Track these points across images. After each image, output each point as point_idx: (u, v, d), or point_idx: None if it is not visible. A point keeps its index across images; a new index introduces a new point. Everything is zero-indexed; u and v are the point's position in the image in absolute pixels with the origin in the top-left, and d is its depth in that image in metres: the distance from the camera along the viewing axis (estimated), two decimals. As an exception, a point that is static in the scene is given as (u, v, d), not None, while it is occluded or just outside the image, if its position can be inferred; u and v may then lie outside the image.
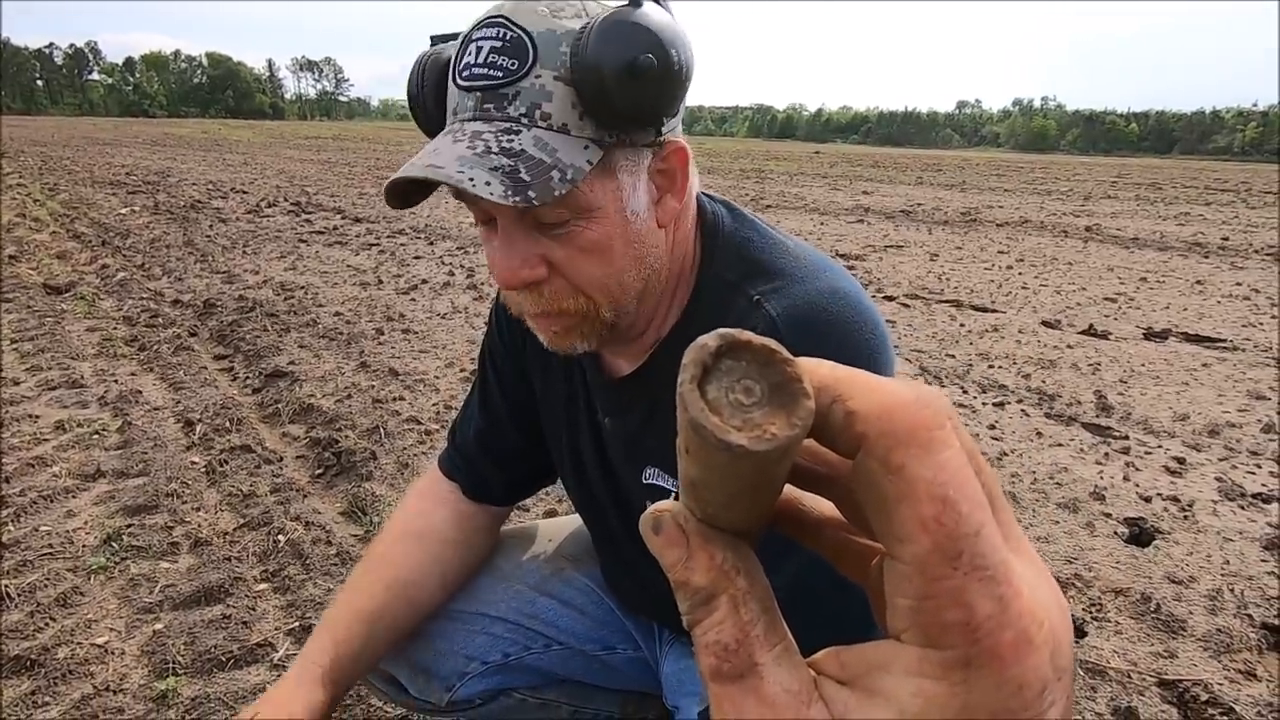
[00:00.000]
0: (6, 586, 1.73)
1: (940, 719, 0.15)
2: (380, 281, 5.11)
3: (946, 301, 4.91)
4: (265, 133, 39.15)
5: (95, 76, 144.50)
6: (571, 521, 1.09)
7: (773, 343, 0.16)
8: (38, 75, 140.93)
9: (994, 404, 3.10)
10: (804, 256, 0.69)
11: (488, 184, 0.56)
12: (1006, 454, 2.63)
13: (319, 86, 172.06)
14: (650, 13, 0.57)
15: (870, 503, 0.16)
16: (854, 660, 0.16)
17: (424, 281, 5.14)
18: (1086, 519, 2.19)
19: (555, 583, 1.00)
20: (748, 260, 0.69)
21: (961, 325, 4.32)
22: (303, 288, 4.82)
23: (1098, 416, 2.99)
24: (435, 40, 0.69)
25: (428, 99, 0.66)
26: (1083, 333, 4.21)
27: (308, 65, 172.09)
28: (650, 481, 0.76)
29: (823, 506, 0.21)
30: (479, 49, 0.58)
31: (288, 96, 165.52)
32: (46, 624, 1.63)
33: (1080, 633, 1.67)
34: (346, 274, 5.33)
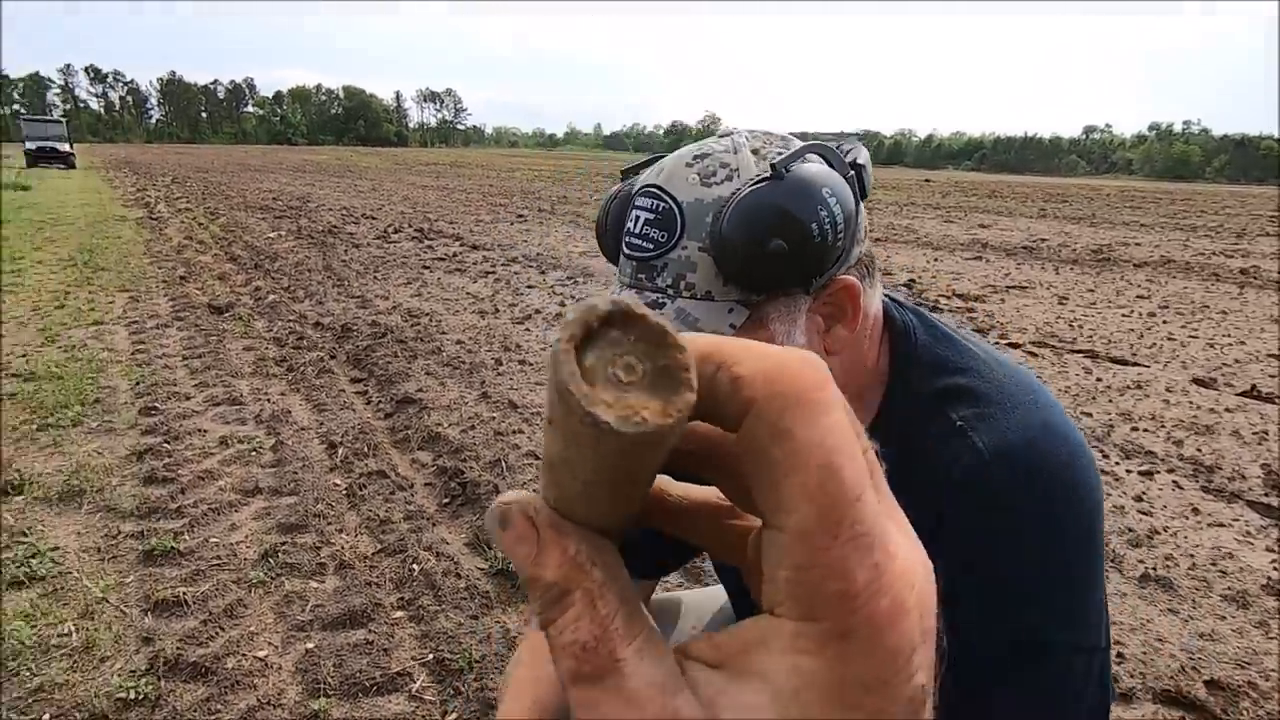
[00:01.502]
0: (184, 594, 1.93)
1: (815, 693, 0.14)
2: (497, 310, 5.36)
3: (1080, 352, 4.58)
4: (390, 159, 42.21)
5: (250, 109, 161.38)
6: (716, 595, 1.10)
7: (669, 324, 0.15)
8: (202, 109, 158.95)
9: (1140, 472, 2.85)
10: (1008, 379, 0.67)
11: None
12: (1157, 532, 2.41)
13: (440, 116, 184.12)
14: (792, 183, 0.57)
15: (755, 471, 0.15)
16: (727, 641, 0.16)
17: (537, 311, 5.35)
18: (1259, 616, 1.96)
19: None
20: (946, 379, 0.68)
21: (1098, 380, 4.02)
22: (427, 314, 5.13)
23: (1267, 494, 2.69)
24: (625, 174, 0.72)
25: (610, 237, 0.70)
26: (1244, 394, 3.81)
27: (430, 96, 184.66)
28: None
29: (694, 493, 0.20)
30: (637, 218, 0.63)
31: (411, 125, 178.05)
32: (217, 633, 1.80)
33: (1258, 752, 1.50)
34: (466, 301, 5.62)
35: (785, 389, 0.15)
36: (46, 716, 1.53)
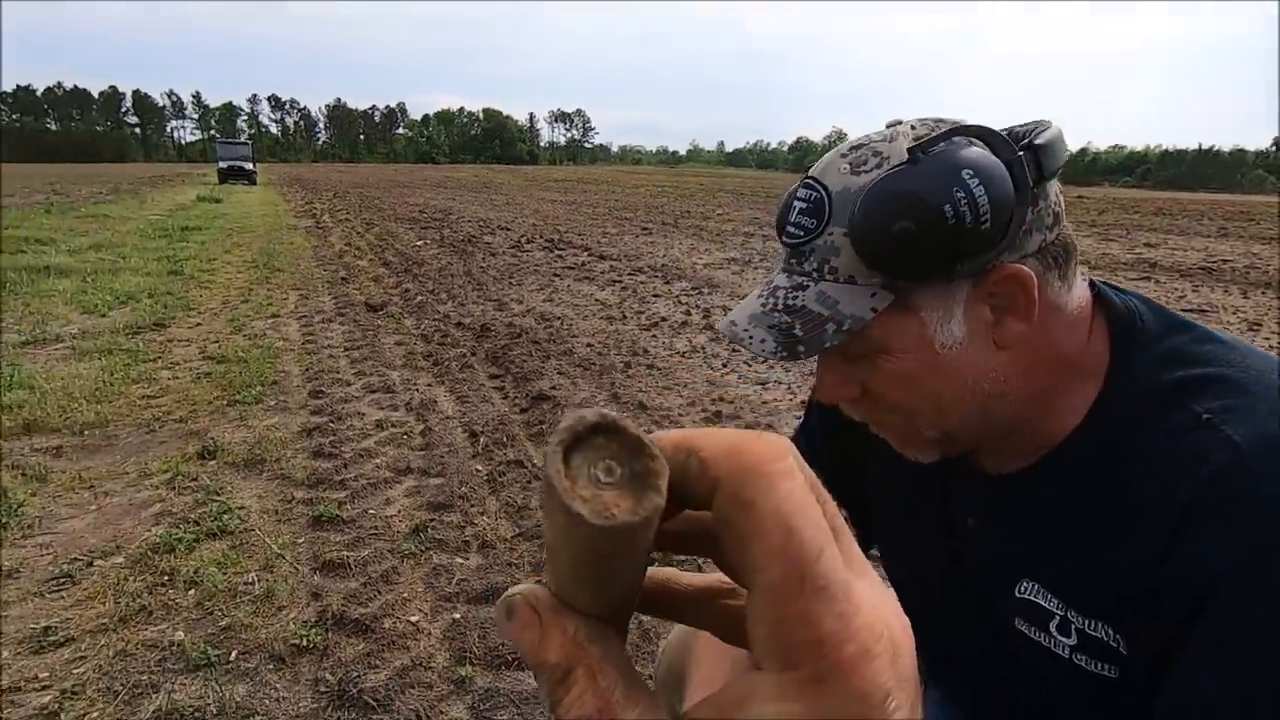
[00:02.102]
0: (348, 558, 2.09)
1: None
2: (624, 317, 5.47)
3: None
4: (522, 176, 44.50)
5: (400, 131, 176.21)
6: None
7: (646, 437, 0.17)
8: (361, 131, 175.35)
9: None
10: (1266, 367, 0.58)
11: (763, 342, 0.63)
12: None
13: (569, 135, 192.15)
14: (926, 166, 0.56)
15: (728, 542, 0.17)
16: (721, 699, 0.16)
17: (663, 319, 5.41)
18: None
19: None
20: (1184, 370, 0.59)
21: (1305, 415, 3.48)
22: (559, 318, 5.32)
23: None
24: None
25: (781, 227, 0.71)
26: None
27: (561, 116, 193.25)
28: (1025, 596, 0.68)
29: (699, 581, 0.22)
30: (794, 207, 0.65)
31: (542, 144, 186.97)
32: (375, 595, 1.94)
33: None
34: (594, 308, 5.79)
35: (744, 463, 0.16)
36: (234, 653, 1.71)
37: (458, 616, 1.85)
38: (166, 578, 1.99)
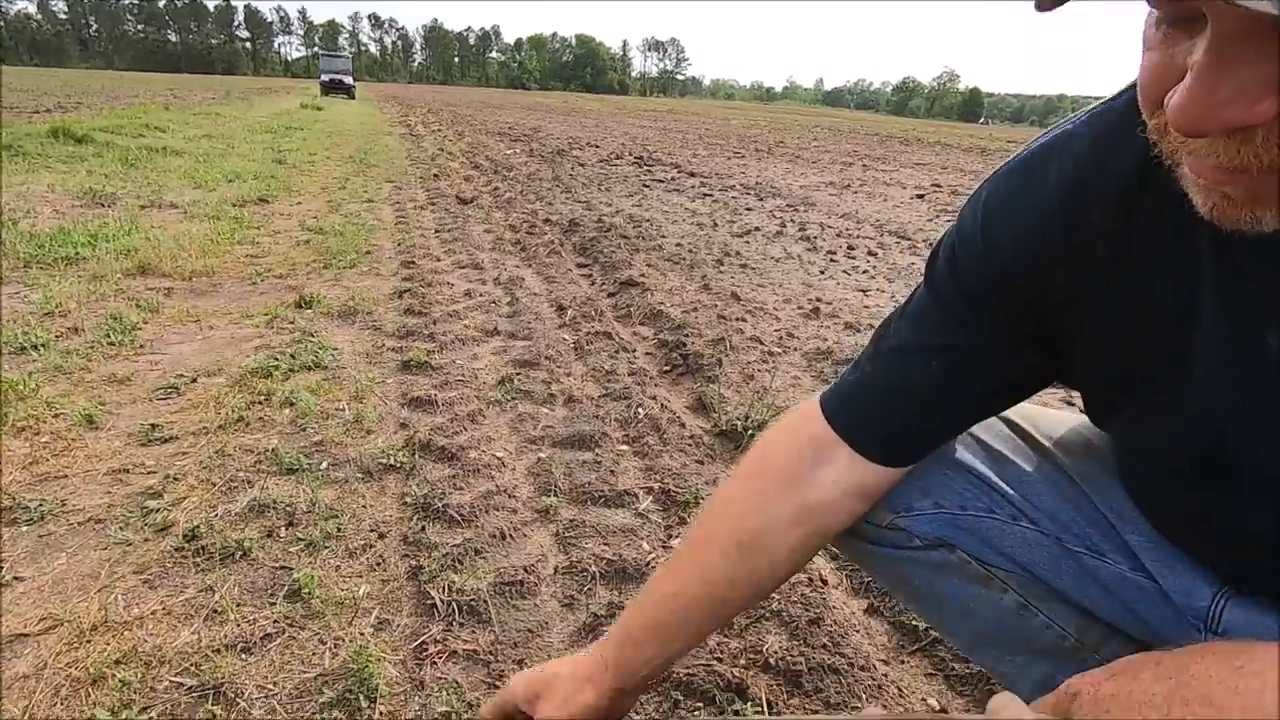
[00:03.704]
0: (435, 396, 2.06)
1: None
2: (715, 224, 5.24)
3: None
4: (612, 105, 43.62)
5: (494, 55, 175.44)
6: (1067, 419, 0.86)
7: None
8: (455, 54, 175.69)
9: None
10: None
11: None
12: None
13: (661, 65, 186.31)
14: None
15: None
16: None
17: (756, 229, 5.15)
18: None
19: (1036, 457, 0.79)
20: None
21: None
22: (648, 220, 5.15)
23: None
24: None
25: None
26: None
27: (655, 45, 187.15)
28: None
29: None
30: None
31: (633, 74, 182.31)
32: (461, 430, 1.90)
33: None
34: (685, 215, 5.57)
35: None
36: (324, 464, 1.71)
37: (543, 456, 1.79)
38: (263, 397, 2.02)
